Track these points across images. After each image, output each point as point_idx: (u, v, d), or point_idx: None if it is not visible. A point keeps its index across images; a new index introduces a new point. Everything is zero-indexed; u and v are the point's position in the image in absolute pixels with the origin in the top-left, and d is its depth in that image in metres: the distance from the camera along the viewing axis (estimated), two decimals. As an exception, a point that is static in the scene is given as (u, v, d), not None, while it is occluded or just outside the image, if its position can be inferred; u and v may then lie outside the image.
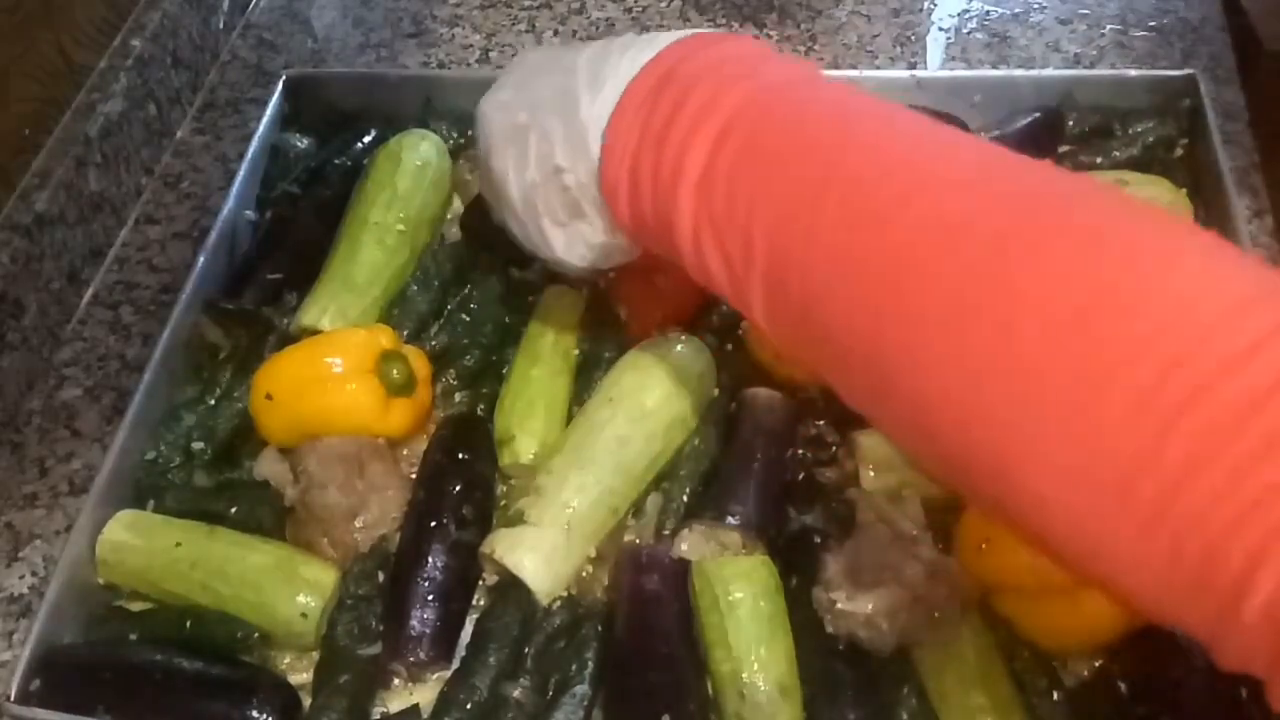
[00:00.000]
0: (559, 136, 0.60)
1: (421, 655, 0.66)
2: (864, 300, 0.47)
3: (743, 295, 0.54)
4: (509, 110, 0.64)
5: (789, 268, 0.50)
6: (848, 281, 0.48)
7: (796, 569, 0.67)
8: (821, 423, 0.75)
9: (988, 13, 1.07)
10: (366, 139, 0.94)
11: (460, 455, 0.73)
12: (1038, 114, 0.89)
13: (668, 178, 0.55)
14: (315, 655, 0.67)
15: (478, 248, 0.86)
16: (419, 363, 0.76)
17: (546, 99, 0.62)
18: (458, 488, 0.71)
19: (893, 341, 0.46)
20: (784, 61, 0.57)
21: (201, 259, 0.84)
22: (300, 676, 0.67)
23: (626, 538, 0.72)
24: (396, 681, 0.67)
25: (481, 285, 0.84)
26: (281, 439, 0.74)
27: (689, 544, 0.69)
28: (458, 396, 0.79)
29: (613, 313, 0.80)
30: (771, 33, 1.07)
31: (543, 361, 0.77)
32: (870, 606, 0.61)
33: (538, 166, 0.62)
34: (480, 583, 0.70)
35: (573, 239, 0.64)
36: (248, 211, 0.91)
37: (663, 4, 1.11)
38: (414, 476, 0.74)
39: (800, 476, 0.73)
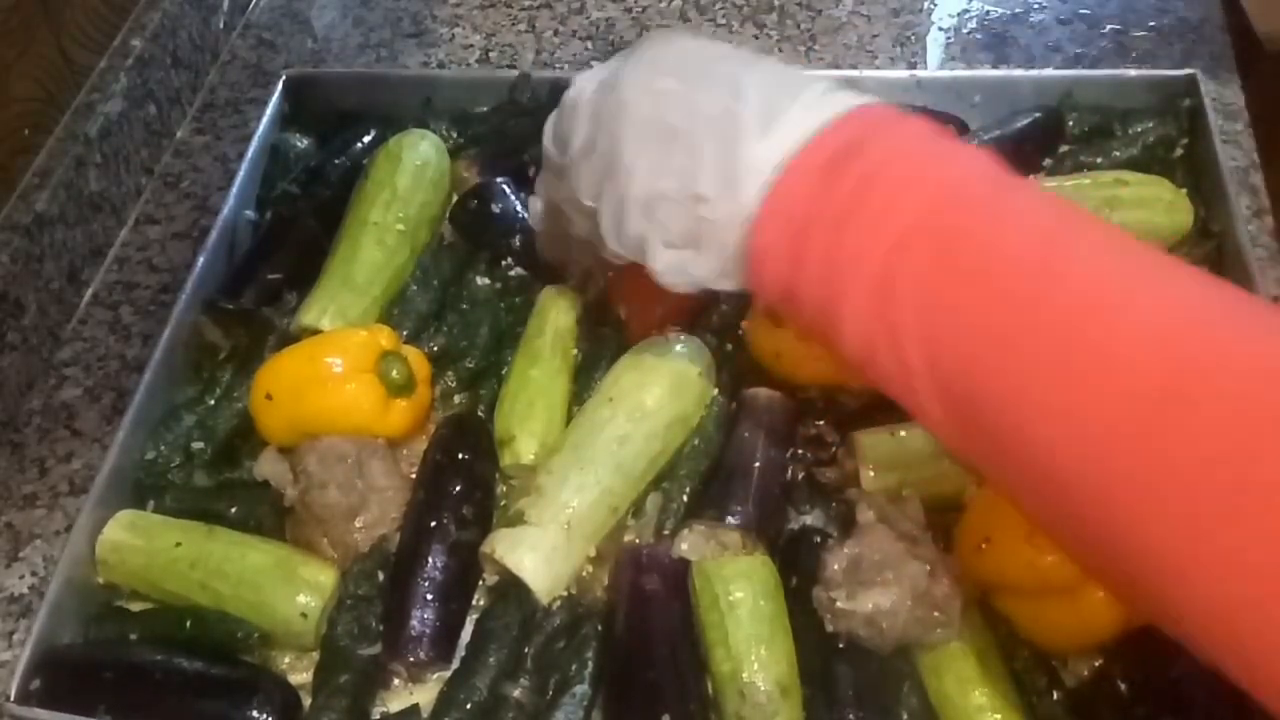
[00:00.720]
0: (709, 161, 0.55)
1: (421, 655, 0.66)
2: (1088, 456, 0.44)
3: (917, 400, 0.51)
4: (662, 105, 0.58)
5: (984, 396, 0.47)
6: (1069, 436, 0.45)
7: (796, 569, 0.67)
8: (821, 423, 0.75)
9: (988, 13, 1.07)
10: (366, 139, 0.94)
11: (460, 455, 0.73)
12: (1038, 114, 0.89)
13: (843, 267, 0.51)
14: (315, 655, 0.67)
15: (467, 242, 0.86)
16: (419, 363, 0.76)
17: (705, 113, 0.56)
18: (458, 488, 0.71)
19: (1121, 501, 0.43)
20: (972, 157, 0.53)
21: (201, 259, 0.84)
22: (300, 676, 0.67)
23: (626, 538, 0.72)
24: (396, 681, 0.67)
25: (477, 284, 0.84)
26: (281, 439, 0.74)
27: (689, 544, 0.69)
28: (457, 397, 0.79)
29: (613, 313, 0.80)
30: (772, 33, 1.07)
31: (542, 361, 0.77)
32: (870, 606, 0.61)
33: (676, 181, 0.56)
34: (480, 583, 0.70)
35: (676, 263, 0.59)
36: (248, 211, 0.91)
37: (663, 4, 1.11)
38: (414, 476, 0.74)
39: (800, 476, 0.73)
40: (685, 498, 0.72)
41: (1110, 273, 0.47)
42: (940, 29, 1.06)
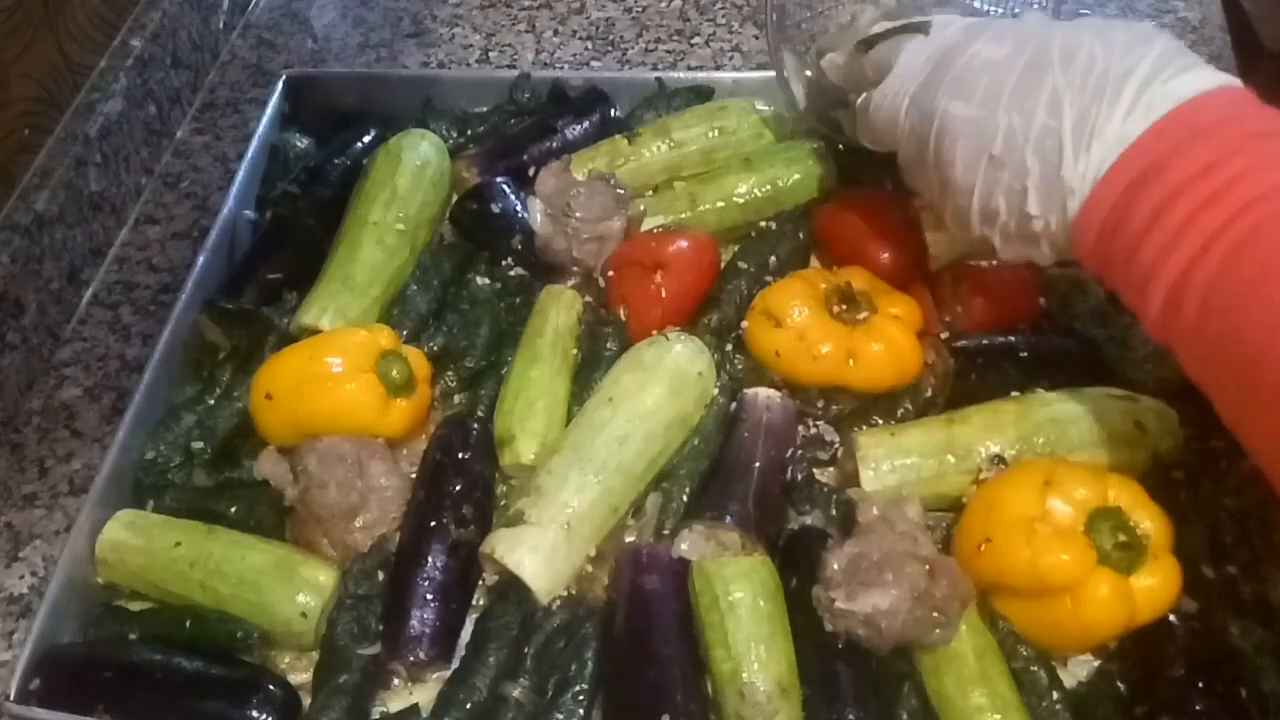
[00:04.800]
0: (1034, 183, 0.61)
1: (421, 655, 0.66)
2: None
3: (1204, 379, 0.58)
4: (984, 134, 0.63)
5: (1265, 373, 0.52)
6: None
7: (796, 569, 0.67)
8: (821, 423, 0.76)
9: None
10: (366, 139, 0.94)
11: (460, 455, 0.73)
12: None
13: (1141, 279, 0.58)
14: (315, 655, 0.67)
15: (467, 242, 0.86)
16: (419, 363, 0.76)
17: (1024, 134, 0.61)
18: (458, 488, 0.71)
19: None
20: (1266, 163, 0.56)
21: (201, 259, 0.84)
22: (300, 676, 0.67)
23: (626, 538, 0.72)
24: (396, 681, 0.67)
25: (477, 284, 0.84)
26: (281, 439, 0.74)
27: (689, 544, 0.69)
28: (457, 397, 0.79)
29: (613, 313, 0.80)
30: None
31: (542, 361, 0.77)
32: (870, 606, 0.61)
33: (1006, 202, 0.63)
34: (480, 583, 0.70)
35: (1019, 254, 0.66)
36: (248, 211, 0.91)
37: (662, 4, 1.11)
38: (414, 476, 0.74)
39: (800, 476, 0.73)
40: (685, 498, 0.72)
41: None
42: (940, 29, 1.05)
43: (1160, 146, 0.57)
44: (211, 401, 0.78)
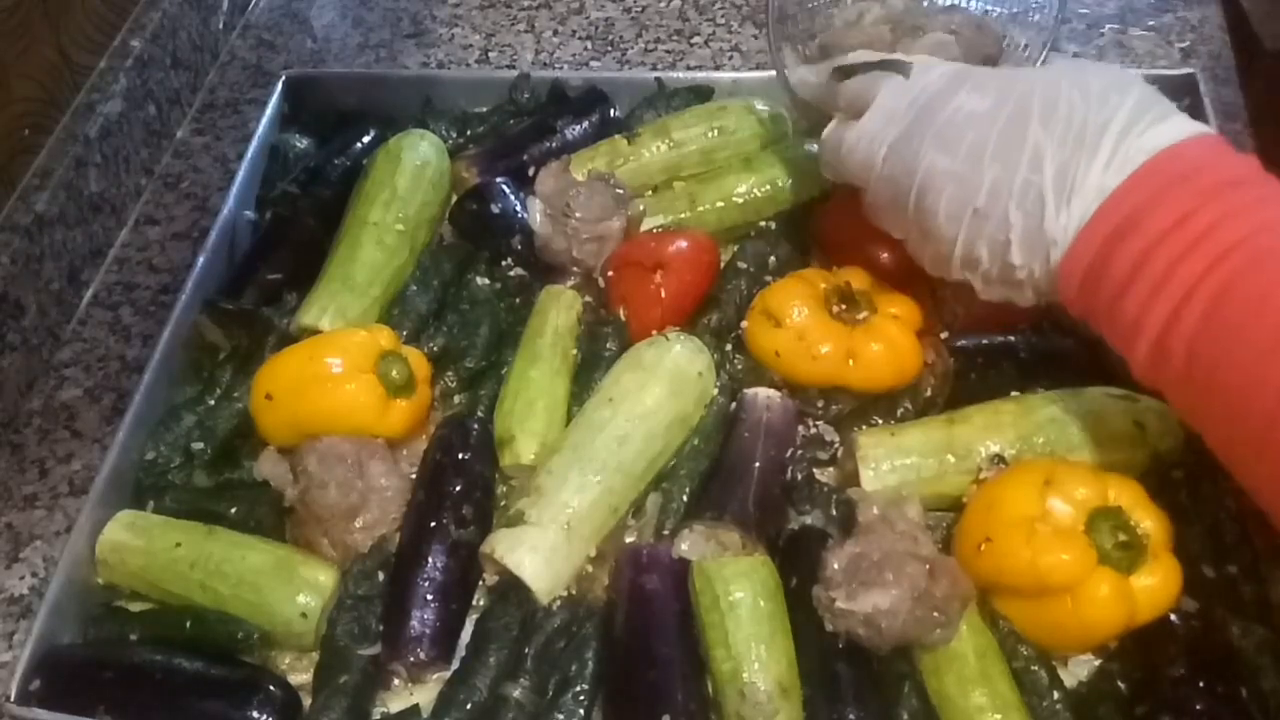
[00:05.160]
0: (1017, 235, 0.62)
1: (421, 655, 0.66)
2: None
3: (1199, 424, 0.58)
4: (965, 186, 0.63)
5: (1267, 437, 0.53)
6: None
7: (796, 569, 0.67)
8: (821, 423, 0.76)
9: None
10: (366, 139, 0.94)
11: (460, 455, 0.73)
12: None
13: (1124, 330, 0.59)
14: (315, 655, 0.67)
15: (467, 242, 0.86)
16: (419, 363, 0.76)
17: (1007, 187, 0.62)
18: (458, 488, 0.71)
19: None
20: (1250, 208, 0.57)
21: (201, 259, 0.84)
22: (300, 676, 0.67)
23: (626, 538, 0.72)
24: (396, 681, 0.67)
25: (477, 284, 0.84)
26: (281, 439, 0.74)
27: (689, 544, 0.69)
28: (457, 397, 0.79)
29: (612, 313, 0.80)
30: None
31: (542, 361, 0.77)
32: (870, 606, 0.61)
33: (989, 253, 0.64)
34: (480, 583, 0.70)
35: (999, 297, 0.67)
36: (248, 211, 0.91)
37: (662, 4, 1.11)
38: (414, 476, 0.74)
39: (800, 476, 0.73)
40: (685, 498, 0.72)
41: None
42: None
43: (1137, 198, 0.58)
44: (211, 402, 0.78)
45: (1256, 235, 0.55)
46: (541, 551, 0.67)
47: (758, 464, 0.71)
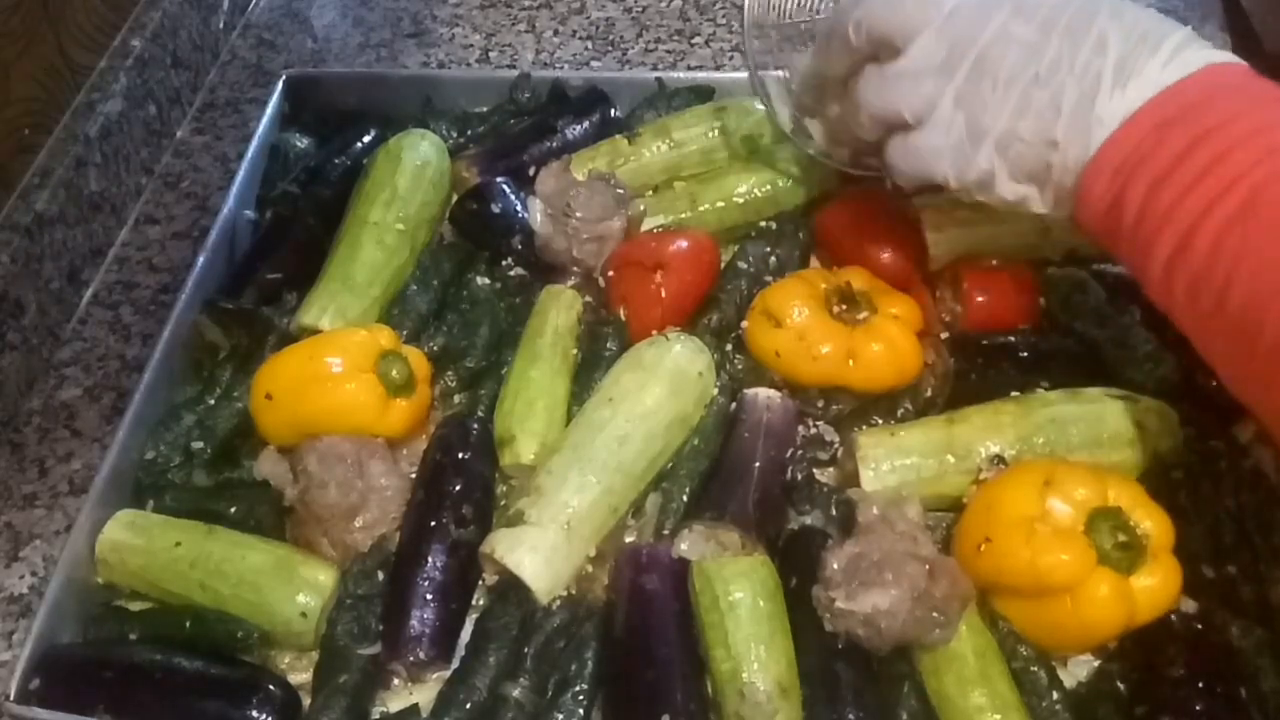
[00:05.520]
0: (1068, 109, 0.60)
1: (421, 655, 0.66)
2: None
3: (1202, 334, 0.58)
4: (1031, 52, 0.62)
5: (1264, 330, 0.52)
6: None
7: (796, 569, 0.67)
8: (821, 423, 0.76)
9: None
10: (366, 139, 0.94)
11: (460, 455, 0.73)
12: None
13: (1155, 218, 0.57)
14: (315, 655, 0.67)
15: (467, 242, 0.86)
16: (419, 363, 0.76)
17: (1070, 65, 0.61)
18: (458, 487, 0.71)
19: None
20: None
21: (201, 259, 0.84)
22: (300, 676, 0.67)
23: (626, 538, 0.72)
24: (396, 681, 0.67)
25: (477, 284, 0.84)
26: (281, 439, 0.74)
27: (689, 544, 0.69)
28: (457, 397, 0.79)
29: (612, 313, 0.80)
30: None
31: (542, 361, 0.77)
32: (870, 606, 0.61)
33: (1033, 126, 0.62)
34: (480, 583, 0.70)
35: (1021, 196, 0.64)
36: (248, 211, 0.91)
37: (663, 4, 1.11)
38: (414, 476, 0.74)
39: (800, 476, 0.73)
40: (685, 498, 0.72)
41: None
42: (940, 29, 1.05)
43: (1192, 95, 0.58)
44: (211, 401, 0.78)
45: None
46: (541, 551, 0.67)
47: (758, 464, 0.71)
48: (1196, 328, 0.58)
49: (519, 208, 0.85)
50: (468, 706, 0.64)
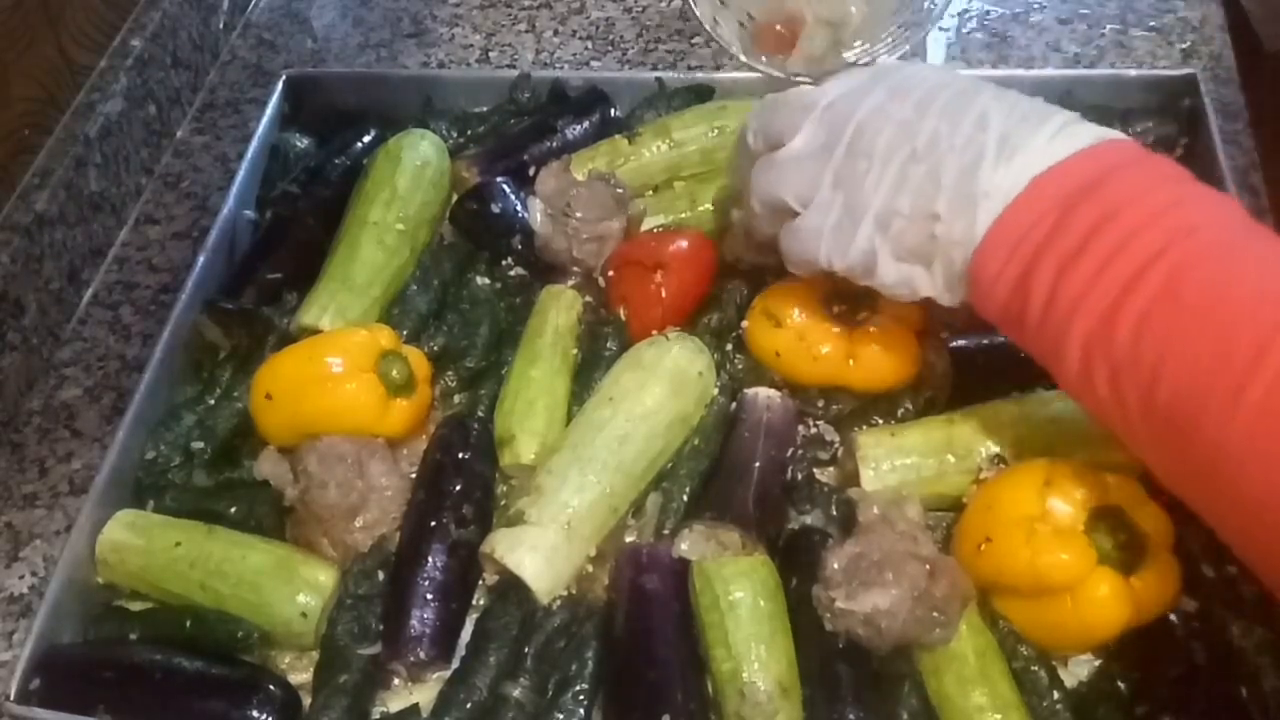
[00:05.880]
0: (949, 184, 0.59)
1: (421, 655, 0.66)
2: None
3: (1129, 428, 0.54)
4: (907, 131, 0.61)
5: (1198, 426, 0.50)
6: (1275, 461, 0.47)
7: (796, 569, 0.67)
8: (821, 423, 0.76)
9: (988, 13, 1.07)
10: (366, 139, 0.94)
11: (460, 455, 0.73)
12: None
13: (1067, 303, 0.54)
14: (315, 655, 0.67)
15: (467, 242, 0.86)
16: (419, 363, 0.76)
17: (949, 140, 0.60)
18: (458, 488, 0.71)
19: None
20: (1211, 200, 0.56)
21: (201, 259, 0.84)
22: (300, 676, 0.67)
23: (626, 538, 0.72)
24: (396, 681, 0.67)
25: (477, 284, 0.84)
26: (281, 439, 0.74)
27: (689, 544, 0.69)
28: (457, 397, 0.79)
29: (612, 313, 0.80)
30: None
31: (542, 361, 0.77)
32: (870, 606, 0.61)
33: (912, 200, 0.60)
34: (480, 583, 0.70)
35: (904, 277, 0.63)
36: (248, 211, 0.91)
37: (663, 4, 1.11)
38: (414, 476, 0.74)
39: (800, 476, 0.73)
40: (685, 498, 0.72)
41: None
42: (940, 29, 1.06)
43: (1094, 170, 0.56)
44: (211, 401, 0.78)
45: (1221, 218, 0.54)
46: (541, 551, 0.67)
47: (758, 464, 0.71)
48: (1123, 422, 0.55)
49: (519, 208, 0.85)
50: (468, 706, 0.64)
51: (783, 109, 0.68)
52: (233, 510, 0.73)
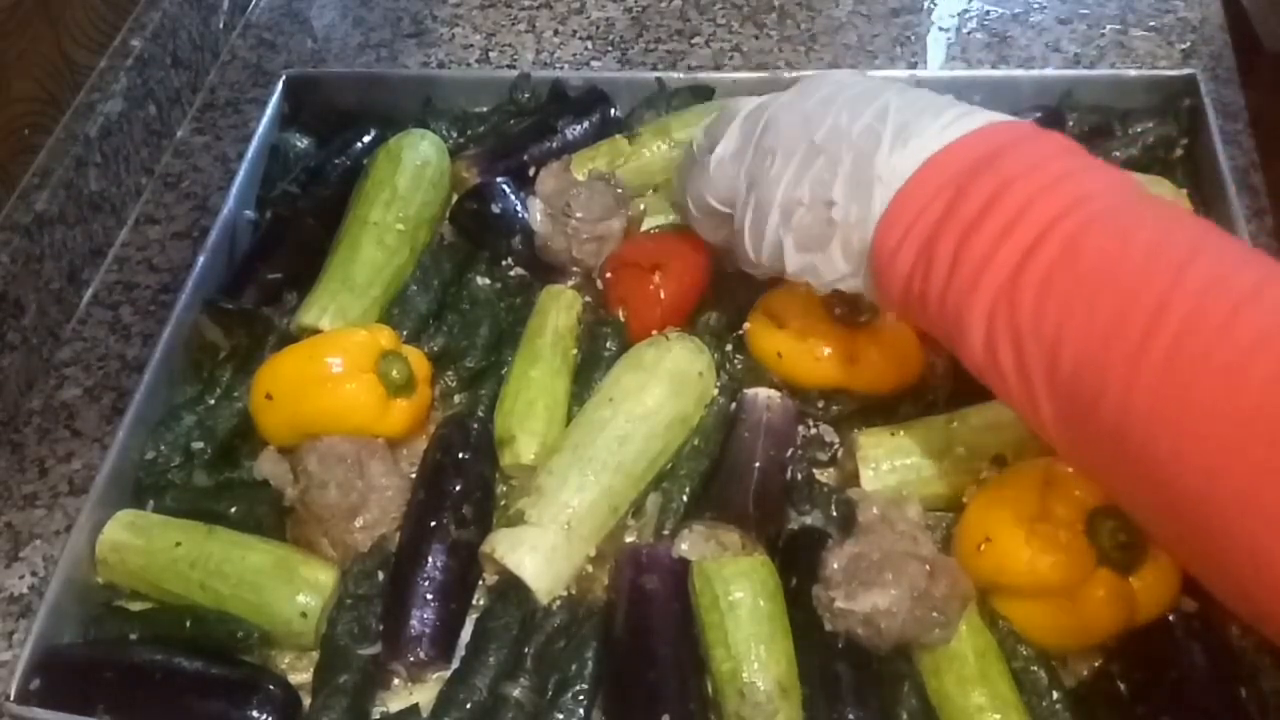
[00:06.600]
0: (845, 171, 0.60)
1: (421, 655, 0.66)
2: (1199, 446, 0.46)
3: (1033, 402, 0.54)
4: (809, 124, 0.63)
5: (1102, 393, 0.49)
6: (1180, 424, 0.47)
7: (796, 569, 0.67)
8: (821, 423, 0.76)
9: (988, 13, 1.07)
10: (366, 139, 0.94)
11: (460, 455, 0.73)
12: (1038, 114, 0.89)
13: (968, 273, 0.55)
14: (315, 655, 0.67)
15: (467, 242, 0.86)
16: (419, 363, 0.76)
17: (848, 130, 0.61)
18: (458, 488, 0.71)
19: (1228, 491, 0.45)
20: (1105, 171, 0.56)
21: (201, 259, 0.84)
22: (300, 676, 0.67)
23: (626, 538, 0.72)
24: (396, 681, 0.67)
25: (477, 284, 0.84)
26: (281, 439, 0.74)
27: (689, 544, 0.69)
28: (457, 397, 0.79)
29: (612, 313, 0.80)
30: (772, 33, 1.07)
31: (542, 361, 0.77)
32: (870, 606, 0.61)
33: (811, 189, 0.62)
34: (480, 583, 0.70)
35: (807, 265, 0.64)
36: (248, 211, 0.91)
37: (663, 4, 1.11)
38: (414, 476, 0.74)
39: (800, 476, 0.73)
40: (685, 498, 0.72)
41: (1231, 279, 0.48)
42: (940, 29, 1.06)
43: (988, 146, 0.57)
44: (211, 401, 0.78)
45: (1114, 186, 0.54)
46: (541, 551, 0.67)
47: (758, 464, 0.71)
48: (1027, 397, 0.54)
49: (519, 208, 0.85)
50: (468, 706, 0.64)
51: (717, 119, 0.72)
52: (233, 510, 0.73)
